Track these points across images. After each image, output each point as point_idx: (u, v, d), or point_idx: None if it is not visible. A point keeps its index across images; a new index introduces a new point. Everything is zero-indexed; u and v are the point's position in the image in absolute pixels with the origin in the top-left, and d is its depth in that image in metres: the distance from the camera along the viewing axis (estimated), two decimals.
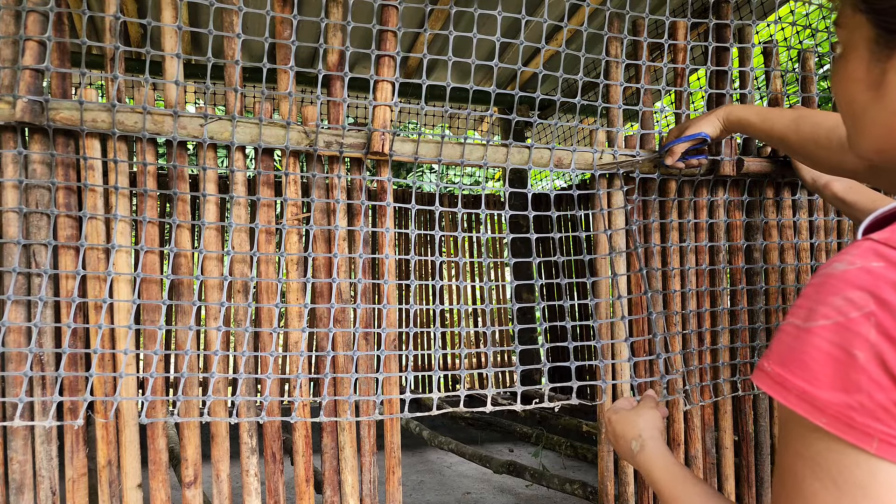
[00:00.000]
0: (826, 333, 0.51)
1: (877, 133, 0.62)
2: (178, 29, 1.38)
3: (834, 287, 0.52)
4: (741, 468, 1.87)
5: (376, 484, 1.54)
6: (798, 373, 0.53)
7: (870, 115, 0.62)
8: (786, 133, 1.16)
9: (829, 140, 1.08)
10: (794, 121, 1.16)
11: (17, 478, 1.30)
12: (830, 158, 1.09)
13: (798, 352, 0.53)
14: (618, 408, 1.08)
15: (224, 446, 1.45)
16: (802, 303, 0.55)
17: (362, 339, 1.53)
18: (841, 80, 0.64)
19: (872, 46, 0.59)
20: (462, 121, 4.96)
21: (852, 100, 0.63)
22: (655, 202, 1.74)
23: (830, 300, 0.52)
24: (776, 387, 0.55)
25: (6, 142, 1.30)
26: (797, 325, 0.54)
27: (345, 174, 1.51)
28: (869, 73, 0.60)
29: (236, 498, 2.76)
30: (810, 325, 0.53)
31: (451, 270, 5.41)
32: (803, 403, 0.53)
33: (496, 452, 3.94)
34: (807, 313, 0.54)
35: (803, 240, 1.90)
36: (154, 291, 1.41)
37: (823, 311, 0.52)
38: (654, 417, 1.01)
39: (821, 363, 0.51)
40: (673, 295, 1.74)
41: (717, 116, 1.37)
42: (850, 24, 0.62)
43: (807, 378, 0.52)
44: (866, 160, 0.67)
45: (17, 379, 1.28)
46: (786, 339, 0.55)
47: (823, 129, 1.10)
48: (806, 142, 1.12)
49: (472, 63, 1.49)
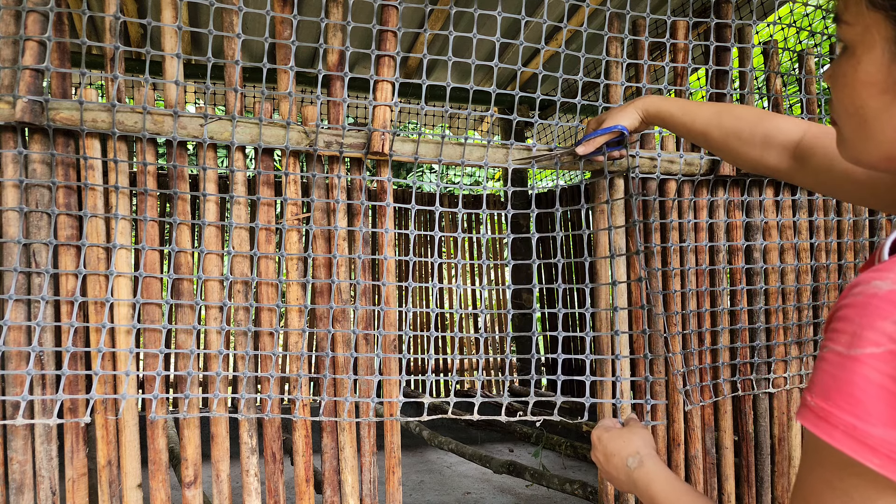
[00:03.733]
0: (876, 363, 0.46)
1: (890, 140, 0.58)
2: (178, 29, 1.38)
3: (881, 310, 0.47)
4: (741, 468, 1.87)
5: (376, 484, 1.54)
6: (845, 406, 0.47)
7: (883, 121, 0.58)
8: (707, 127, 1.11)
9: (752, 135, 1.04)
10: (716, 115, 1.11)
11: (17, 478, 1.30)
12: (752, 154, 1.04)
13: (844, 382, 0.48)
14: (607, 426, 1.05)
15: (224, 446, 1.45)
16: (844, 326, 0.49)
17: (362, 339, 1.53)
18: (849, 83, 0.59)
19: (892, 48, 0.55)
20: (462, 121, 4.96)
21: (862, 105, 0.59)
22: (655, 202, 1.74)
23: (879, 325, 0.46)
24: (820, 422, 0.49)
25: (6, 142, 1.30)
26: (840, 353, 0.48)
27: (345, 174, 1.51)
28: (888, 77, 0.56)
29: (236, 498, 2.76)
30: (856, 352, 0.47)
31: (450, 271, 5.41)
32: (851, 441, 0.47)
33: (496, 452, 3.94)
34: (851, 339, 0.48)
35: (803, 240, 1.90)
36: (155, 290, 1.41)
37: (872, 338, 0.47)
38: (648, 436, 0.99)
39: (871, 395, 0.46)
40: (673, 295, 1.74)
41: (636, 108, 1.31)
42: (861, 23, 0.57)
43: (856, 412, 0.47)
44: (866, 166, 0.63)
45: (17, 378, 1.28)
46: (828, 368, 0.49)
47: (746, 123, 1.05)
48: (728, 136, 1.07)
49: (472, 63, 1.49)
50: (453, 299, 5.33)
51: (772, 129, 1.01)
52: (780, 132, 1.00)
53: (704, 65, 1.78)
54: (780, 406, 1.88)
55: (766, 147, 1.02)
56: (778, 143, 1.00)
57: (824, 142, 0.94)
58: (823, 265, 1.93)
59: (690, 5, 1.93)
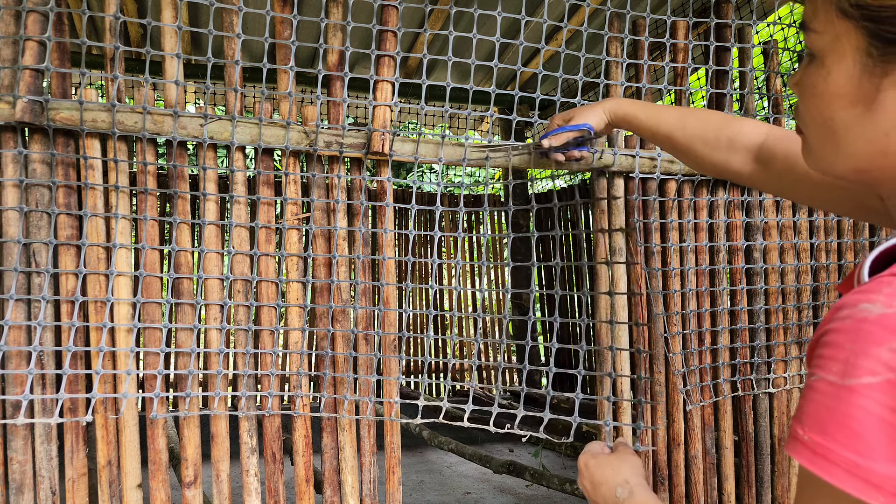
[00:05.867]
0: (874, 393, 0.43)
1: (861, 152, 0.55)
2: (178, 29, 1.38)
3: (874, 335, 0.44)
4: (741, 468, 1.87)
5: (376, 484, 1.54)
6: (844, 441, 0.44)
7: (854, 133, 0.55)
8: (672, 130, 1.10)
9: (716, 139, 1.03)
10: (680, 118, 1.10)
11: (17, 478, 1.30)
12: (717, 157, 1.03)
13: (841, 415, 0.45)
14: (594, 453, 1.00)
15: (224, 446, 1.45)
16: (834, 353, 0.46)
17: (362, 339, 1.53)
18: (818, 93, 0.56)
19: (864, 59, 0.52)
20: (462, 121, 4.96)
21: (832, 116, 0.56)
22: (655, 202, 1.74)
23: (873, 352, 0.44)
24: (818, 459, 0.46)
25: (6, 142, 1.30)
26: (833, 383, 0.46)
27: (345, 174, 1.51)
28: (858, 88, 0.53)
29: (236, 498, 2.76)
30: (852, 382, 0.44)
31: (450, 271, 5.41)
32: (853, 479, 0.44)
33: (496, 452, 3.94)
34: (844, 367, 0.45)
35: (803, 240, 1.90)
36: (155, 290, 1.41)
37: (867, 366, 0.44)
38: (638, 464, 0.96)
39: (871, 429, 0.43)
40: (673, 295, 1.74)
41: (604, 109, 1.29)
42: (830, 31, 0.54)
43: (856, 448, 0.44)
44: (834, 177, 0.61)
45: (17, 378, 1.28)
46: (821, 398, 0.46)
47: (711, 126, 1.04)
48: (693, 140, 1.06)
49: (472, 63, 1.49)
50: (452, 300, 5.33)
51: (735, 133, 1.01)
52: (743, 135, 1.00)
53: (704, 65, 1.78)
54: (780, 406, 1.88)
55: (731, 150, 1.01)
56: (741, 147, 1.00)
57: (786, 144, 0.93)
58: (823, 265, 1.93)
59: (690, 5, 1.93)
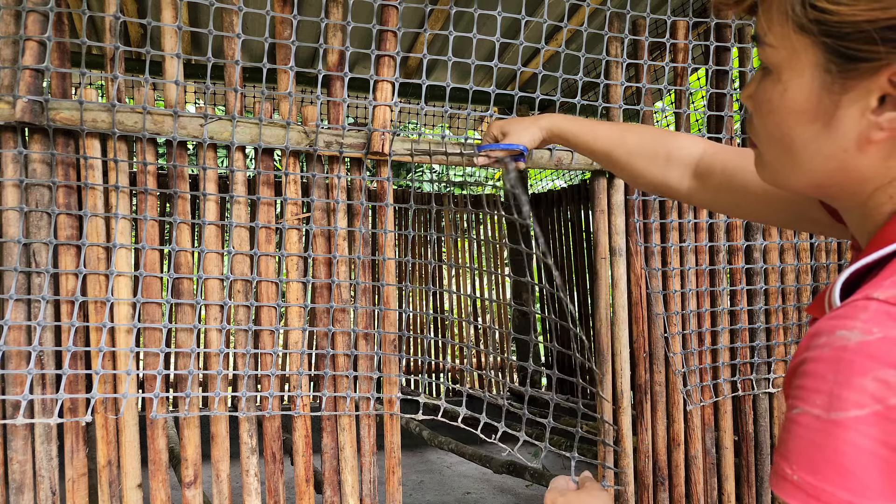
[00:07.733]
0: (862, 427, 0.41)
1: (819, 168, 0.53)
2: (178, 29, 1.38)
3: (857, 365, 0.42)
4: (741, 468, 1.87)
5: (376, 484, 1.54)
6: (836, 480, 0.42)
7: (812, 150, 0.53)
8: (610, 146, 1.08)
9: (655, 154, 1.01)
10: (618, 134, 1.08)
11: (17, 478, 1.30)
12: (655, 173, 1.01)
13: (831, 451, 0.42)
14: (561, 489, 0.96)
15: (224, 446, 1.45)
16: (815, 385, 0.44)
17: (361, 338, 1.53)
18: (775, 109, 0.54)
19: (822, 75, 0.50)
20: (462, 121, 4.96)
21: (789, 133, 0.54)
22: (655, 202, 1.74)
23: (857, 383, 0.42)
24: (810, 501, 0.43)
25: (6, 142, 1.30)
26: (819, 417, 0.43)
27: (345, 174, 1.51)
28: (818, 105, 0.51)
29: (236, 498, 2.76)
30: (839, 415, 0.42)
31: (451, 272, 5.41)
32: None
33: (496, 452, 3.94)
34: (829, 400, 0.43)
35: (803, 240, 1.90)
36: (155, 290, 1.41)
37: (853, 398, 0.42)
38: (608, 500, 0.91)
39: (863, 465, 0.41)
40: (673, 295, 1.74)
41: (539, 127, 1.26)
42: (786, 46, 0.51)
43: (850, 486, 0.42)
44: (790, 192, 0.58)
45: (17, 378, 1.28)
46: (806, 434, 0.44)
47: (649, 141, 1.03)
48: (632, 156, 1.04)
49: (472, 63, 1.49)
50: (451, 301, 5.33)
51: (674, 148, 1.00)
52: (681, 150, 0.99)
53: (704, 65, 1.78)
54: (781, 406, 1.88)
55: (668, 166, 1.00)
56: (680, 162, 0.98)
57: (723, 157, 0.92)
58: (823, 265, 1.93)
59: (690, 5, 1.93)
